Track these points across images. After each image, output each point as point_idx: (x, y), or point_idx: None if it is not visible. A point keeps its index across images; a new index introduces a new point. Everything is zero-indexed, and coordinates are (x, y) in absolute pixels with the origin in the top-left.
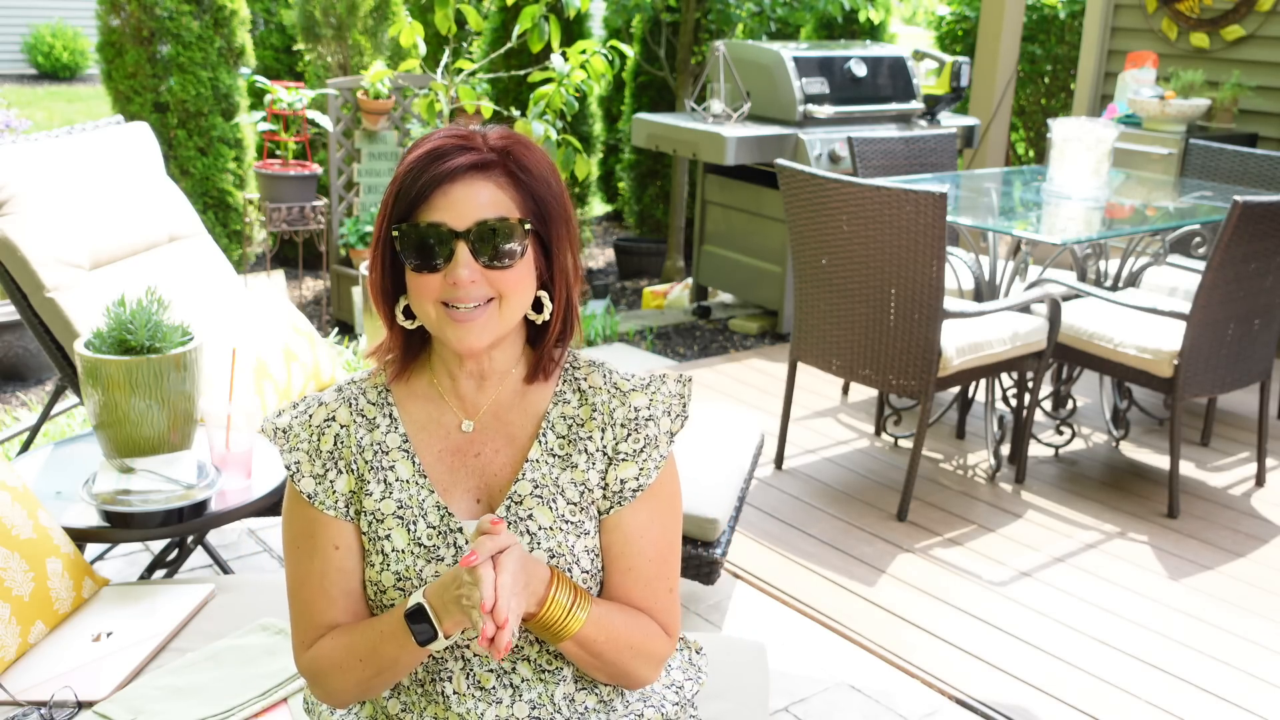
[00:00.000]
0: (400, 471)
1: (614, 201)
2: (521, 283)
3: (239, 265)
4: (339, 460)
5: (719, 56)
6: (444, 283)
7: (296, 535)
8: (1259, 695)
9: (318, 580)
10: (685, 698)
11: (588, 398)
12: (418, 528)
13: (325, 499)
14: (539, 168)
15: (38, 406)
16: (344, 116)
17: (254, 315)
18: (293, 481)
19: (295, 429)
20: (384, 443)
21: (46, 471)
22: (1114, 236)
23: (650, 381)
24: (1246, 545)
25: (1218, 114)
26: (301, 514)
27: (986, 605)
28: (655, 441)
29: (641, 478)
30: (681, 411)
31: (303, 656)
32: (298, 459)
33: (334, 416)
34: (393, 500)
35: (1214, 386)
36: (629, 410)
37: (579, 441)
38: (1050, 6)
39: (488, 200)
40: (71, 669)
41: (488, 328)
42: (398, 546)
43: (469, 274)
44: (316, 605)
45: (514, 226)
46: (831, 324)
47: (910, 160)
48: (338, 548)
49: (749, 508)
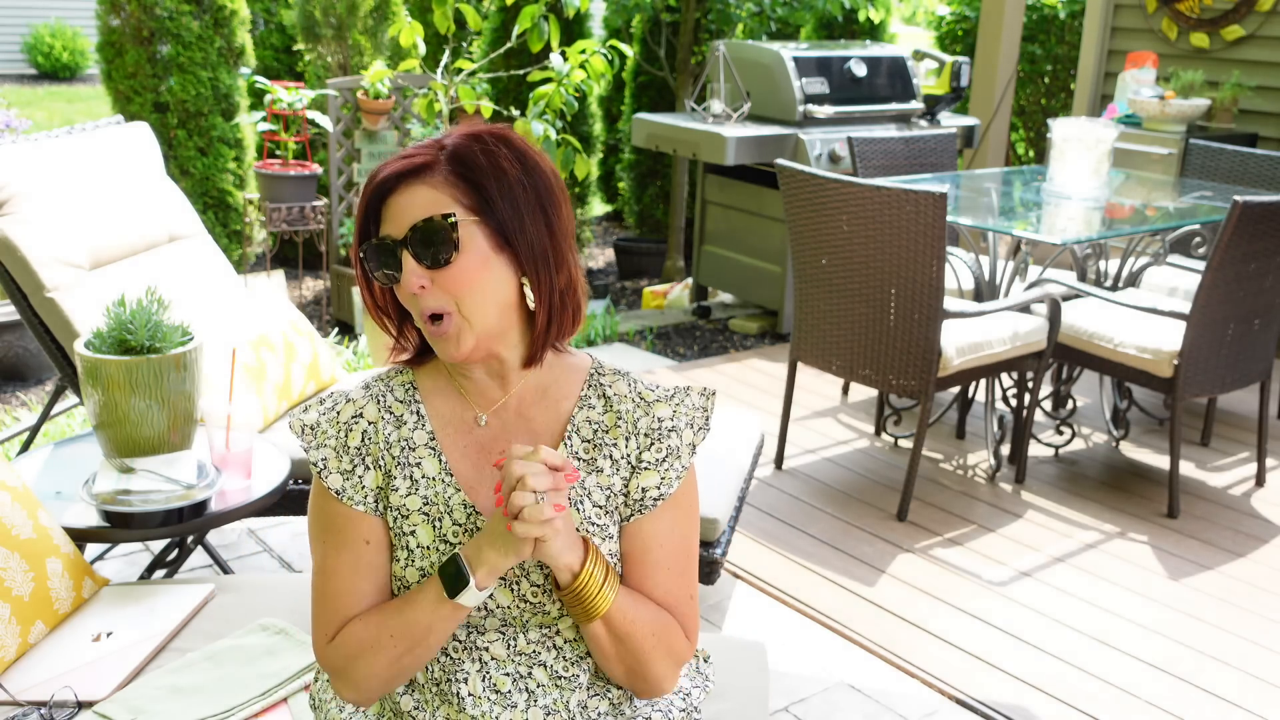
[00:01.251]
0: (426, 468)
1: (614, 201)
2: (473, 279)
3: (239, 265)
4: (366, 456)
5: (719, 56)
6: (410, 296)
7: (325, 529)
8: (1259, 695)
9: (348, 574)
10: (692, 704)
11: (613, 404)
12: (443, 524)
13: (354, 494)
14: (487, 157)
15: (38, 406)
16: (344, 116)
17: (254, 315)
18: (320, 478)
19: (323, 425)
20: (411, 439)
21: (46, 471)
22: (1114, 236)
23: (675, 394)
24: (1246, 545)
25: (1218, 114)
26: (329, 509)
27: (986, 605)
28: (677, 452)
29: (663, 486)
30: (704, 424)
31: (326, 648)
32: (325, 455)
33: (361, 413)
34: (418, 497)
35: (1214, 386)
36: (652, 420)
37: (604, 447)
38: (1050, 6)
39: (424, 202)
40: (71, 669)
41: (461, 335)
42: (423, 543)
43: (416, 279)
44: (345, 599)
45: (438, 221)
46: (831, 324)
47: (910, 160)
48: (369, 542)
49: (749, 508)
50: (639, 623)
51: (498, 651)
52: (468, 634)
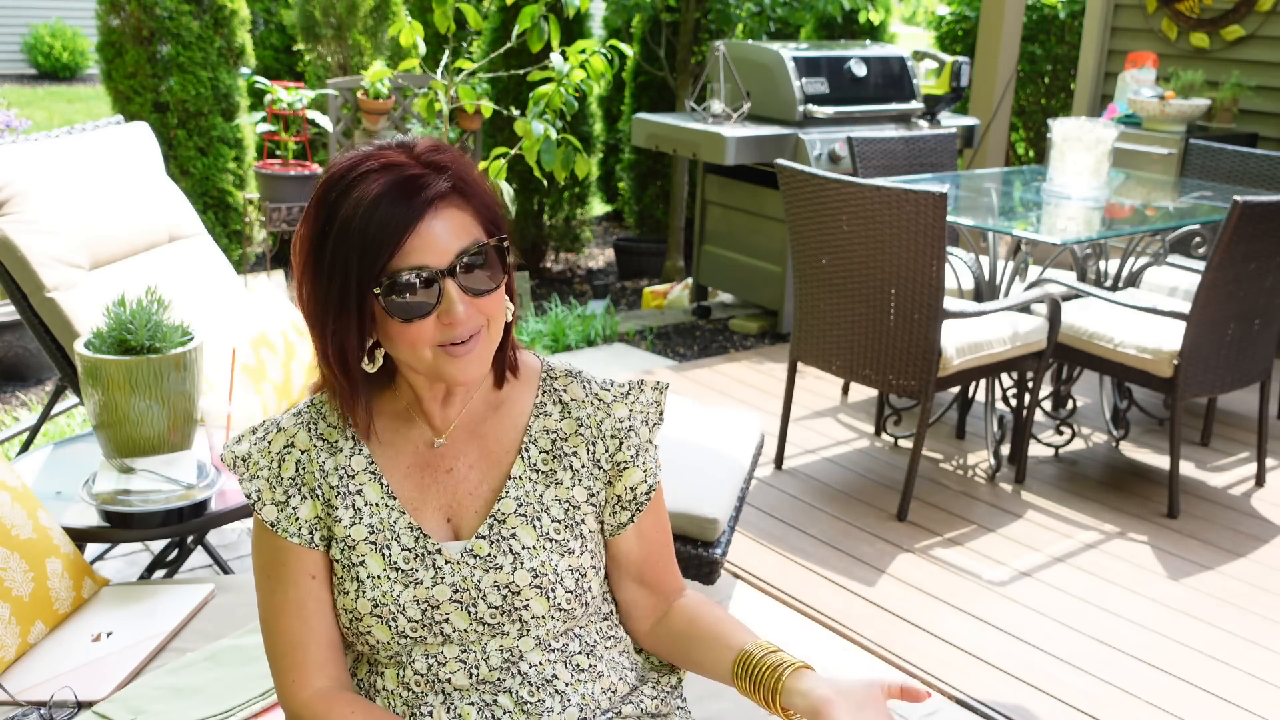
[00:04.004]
0: (368, 495)
1: (614, 201)
2: (503, 299)
3: (239, 265)
4: (301, 487)
5: (719, 56)
6: (438, 325)
7: (268, 564)
8: (1259, 695)
9: (295, 609)
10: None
11: (571, 411)
12: (392, 552)
13: (289, 526)
14: (471, 170)
15: (38, 406)
16: (344, 116)
17: (254, 315)
18: (255, 510)
19: (254, 456)
20: (349, 466)
21: (46, 471)
22: (1114, 236)
23: (630, 390)
24: (1246, 545)
25: (1218, 114)
26: (270, 544)
27: (986, 605)
28: (645, 446)
29: (649, 478)
30: (659, 419)
31: (299, 703)
32: (258, 487)
33: (293, 442)
34: (364, 526)
35: (1214, 386)
36: (615, 421)
37: (563, 457)
38: (1050, 6)
39: (458, 226)
40: (71, 669)
41: (482, 354)
42: (373, 572)
43: (465, 310)
44: (296, 635)
45: (491, 250)
46: (831, 324)
47: (910, 160)
48: (314, 577)
49: (749, 508)
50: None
51: (460, 682)
52: (429, 666)
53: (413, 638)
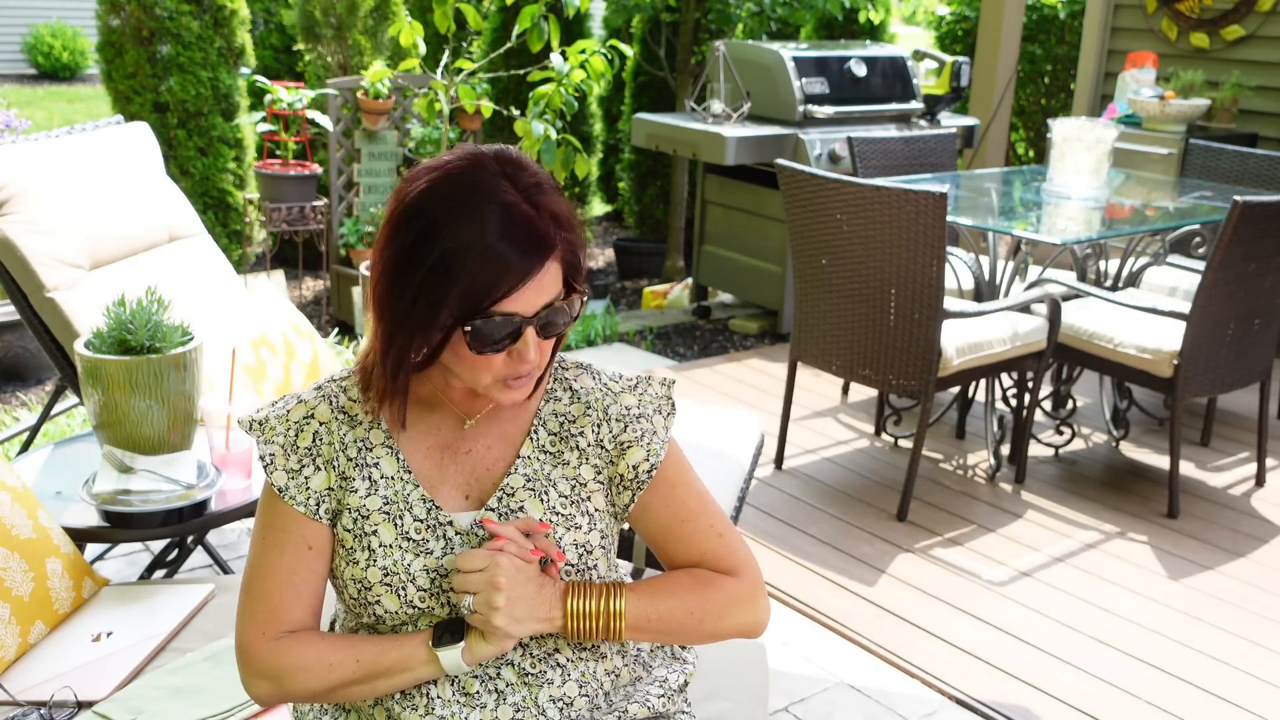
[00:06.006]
0: (385, 468)
1: (614, 201)
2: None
3: (239, 265)
4: (317, 457)
5: (719, 56)
6: (507, 360)
7: (269, 526)
8: (1259, 695)
9: (286, 576)
10: (670, 689)
11: (580, 396)
12: (404, 522)
13: (297, 494)
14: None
15: (38, 406)
16: (344, 116)
17: (254, 315)
18: (266, 474)
19: (272, 422)
20: (367, 439)
21: (46, 471)
22: (1114, 236)
23: (637, 383)
24: (1246, 545)
25: (1218, 114)
26: (275, 507)
27: (986, 605)
28: (653, 431)
29: (651, 458)
30: (671, 409)
31: (264, 647)
32: (272, 450)
33: (313, 414)
34: (378, 497)
35: (1214, 386)
36: (621, 407)
37: (570, 438)
38: (1050, 6)
39: (551, 279)
40: (71, 669)
41: (533, 380)
42: (385, 541)
43: (536, 354)
44: (282, 599)
45: (569, 302)
46: (831, 324)
47: (910, 160)
48: (311, 548)
49: (749, 508)
50: (669, 615)
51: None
52: None
53: (420, 608)
